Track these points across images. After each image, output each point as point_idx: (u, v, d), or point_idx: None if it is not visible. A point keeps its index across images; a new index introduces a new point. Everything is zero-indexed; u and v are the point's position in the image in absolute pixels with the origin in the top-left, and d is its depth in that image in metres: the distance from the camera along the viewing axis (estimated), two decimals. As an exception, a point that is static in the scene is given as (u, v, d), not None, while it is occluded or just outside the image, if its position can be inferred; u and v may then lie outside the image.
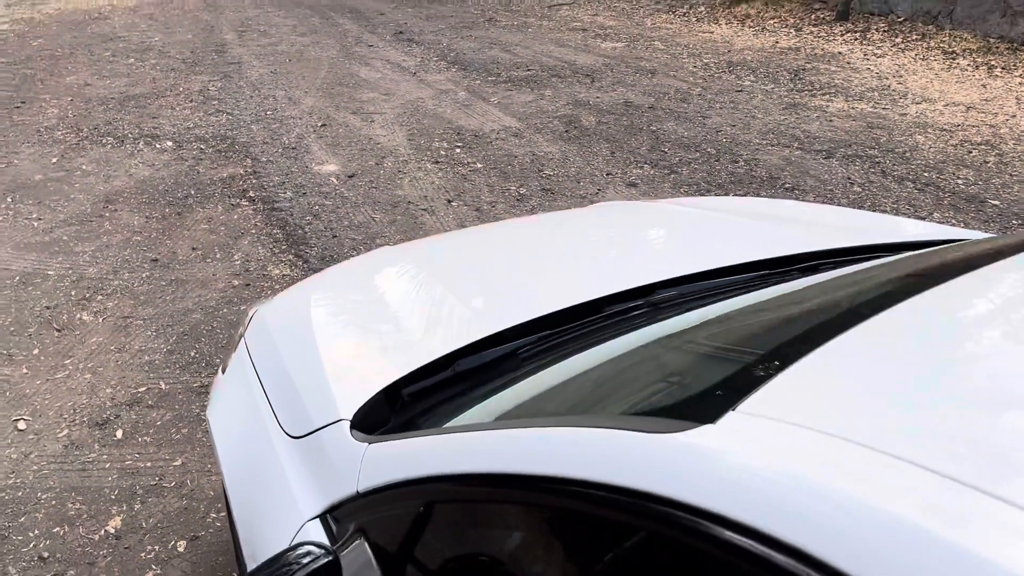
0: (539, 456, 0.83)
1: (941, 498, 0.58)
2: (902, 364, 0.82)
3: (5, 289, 3.95)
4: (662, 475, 0.68)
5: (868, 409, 0.73)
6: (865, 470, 0.61)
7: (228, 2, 12.67)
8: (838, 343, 0.85)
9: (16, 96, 7.38)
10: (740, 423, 0.71)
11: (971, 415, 0.70)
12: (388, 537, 1.04)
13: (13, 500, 2.62)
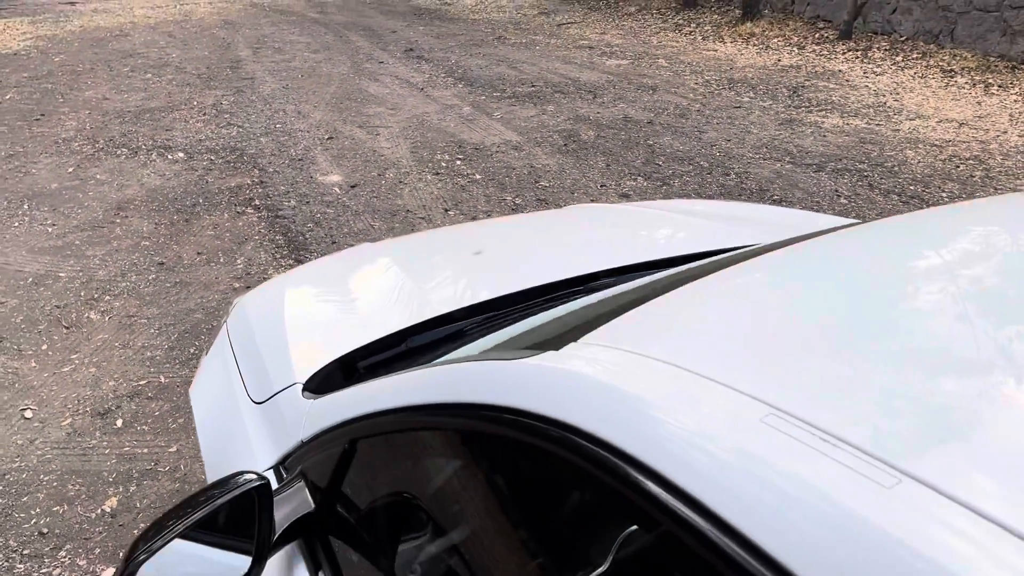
0: (429, 389, 0.98)
1: (735, 407, 0.71)
2: (731, 308, 0.96)
3: (18, 289, 4.14)
4: (513, 391, 0.83)
5: (685, 340, 0.87)
6: (668, 383, 0.75)
7: (246, 20, 12.98)
8: (677, 293, 1.00)
9: (36, 109, 7.64)
10: (579, 350, 0.85)
11: (791, 351, 0.84)
12: (321, 474, 1.19)
13: (17, 481, 2.78)
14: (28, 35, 11.77)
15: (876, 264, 1.07)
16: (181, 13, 13.79)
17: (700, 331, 0.91)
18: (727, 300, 1.02)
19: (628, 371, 0.78)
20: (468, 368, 0.94)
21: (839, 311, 0.90)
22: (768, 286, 1.06)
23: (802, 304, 0.95)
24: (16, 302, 4.02)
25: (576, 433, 0.74)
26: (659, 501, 0.66)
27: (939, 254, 1.09)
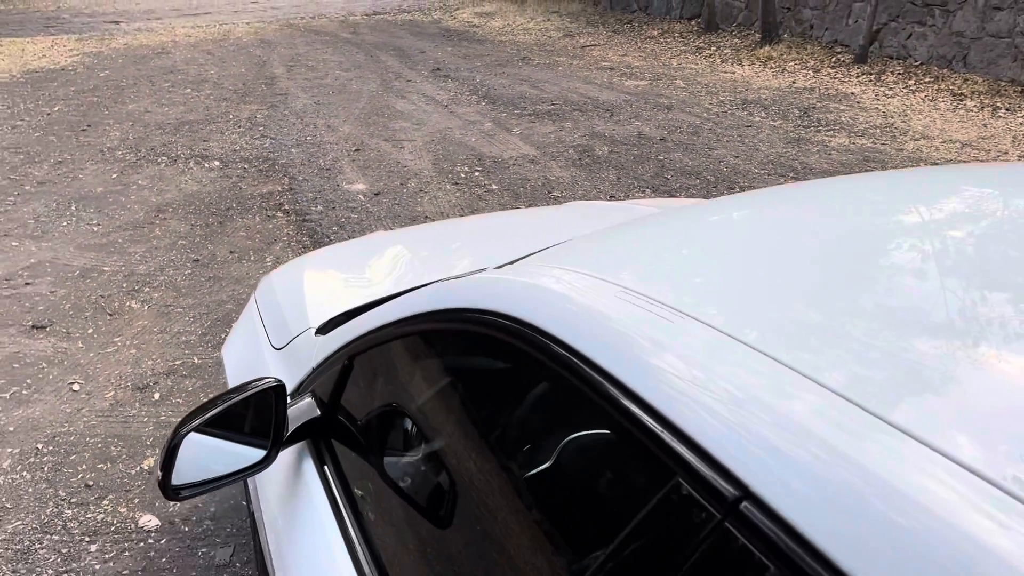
0: (410, 304, 1.27)
1: (630, 300, 0.98)
2: (638, 237, 1.25)
3: (67, 281, 4.51)
4: (469, 297, 1.11)
5: (596, 257, 1.15)
6: (576, 281, 1.02)
7: (281, 39, 13.48)
8: (614, 229, 1.29)
9: (83, 120, 8.10)
10: (518, 266, 1.13)
11: (693, 268, 1.10)
12: (325, 389, 1.48)
13: (66, 443, 3.11)
14: (75, 51, 12.35)
15: (838, 218, 1.21)
16: (220, 32, 14.34)
17: (651, 260, 1.15)
18: (688, 235, 1.25)
19: (559, 280, 1.05)
20: (440, 284, 1.23)
21: (792, 255, 1.09)
22: (737, 227, 1.28)
23: (777, 247, 1.10)
24: (64, 292, 4.38)
25: (516, 322, 1.00)
26: (564, 360, 0.90)
27: (923, 213, 1.21)
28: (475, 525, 1.10)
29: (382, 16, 16.57)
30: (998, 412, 0.67)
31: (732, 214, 1.36)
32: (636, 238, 1.31)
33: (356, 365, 1.42)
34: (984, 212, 1.20)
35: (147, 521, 2.69)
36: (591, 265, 1.08)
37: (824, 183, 1.62)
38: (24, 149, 7.11)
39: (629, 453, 0.82)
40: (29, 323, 4.04)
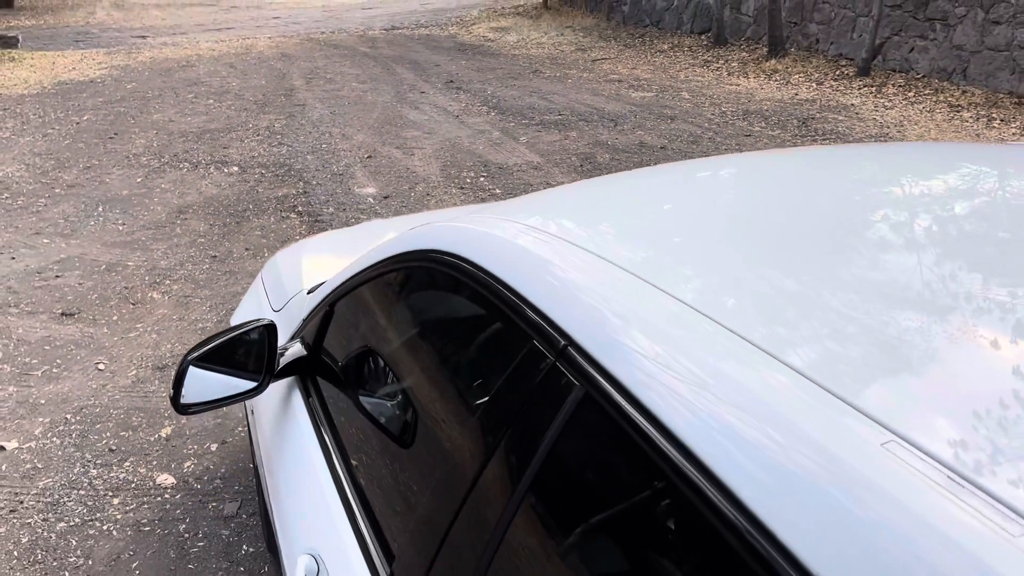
0: (378, 253, 1.54)
1: (550, 241, 1.23)
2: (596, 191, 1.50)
3: (94, 274, 4.83)
4: (425, 242, 1.36)
5: (552, 211, 1.40)
6: (507, 227, 1.27)
7: (301, 53, 13.89)
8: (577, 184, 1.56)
9: (110, 129, 8.49)
10: (485, 216, 1.37)
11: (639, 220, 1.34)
12: (312, 333, 1.76)
13: (92, 414, 3.41)
14: (103, 64, 12.81)
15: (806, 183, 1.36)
16: (242, 47, 14.78)
17: (600, 216, 1.38)
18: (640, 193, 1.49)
19: (503, 229, 1.28)
20: (402, 233, 1.49)
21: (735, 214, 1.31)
22: (680, 188, 1.52)
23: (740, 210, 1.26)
24: (91, 283, 4.70)
25: (468, 263, 1.24)
26: (491, 286, 1.14)
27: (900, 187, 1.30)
28: (431, 443, 1.33)
29: (400, 31, 16.97)
30: (954, 395, 0.69)
31: (691, 175, 1.60)
32: (579, 193, 1.57)
33: (336, 311, 1.70)
34: (950, 189, 1.26)
35: (164, 480, 2.98)
36: (524, 214, 1.31)
37: (800, 152, 1.84)
38: (55, 155, 7.48)
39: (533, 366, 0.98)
40: (59, 311, 4.36)
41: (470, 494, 1.01)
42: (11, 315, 4.32)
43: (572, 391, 0.87)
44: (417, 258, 1.38)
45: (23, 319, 4.28)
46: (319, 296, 1.80)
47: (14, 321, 4.25)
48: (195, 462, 3.08)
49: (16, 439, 3.23)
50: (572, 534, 0.89)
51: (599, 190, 1.59)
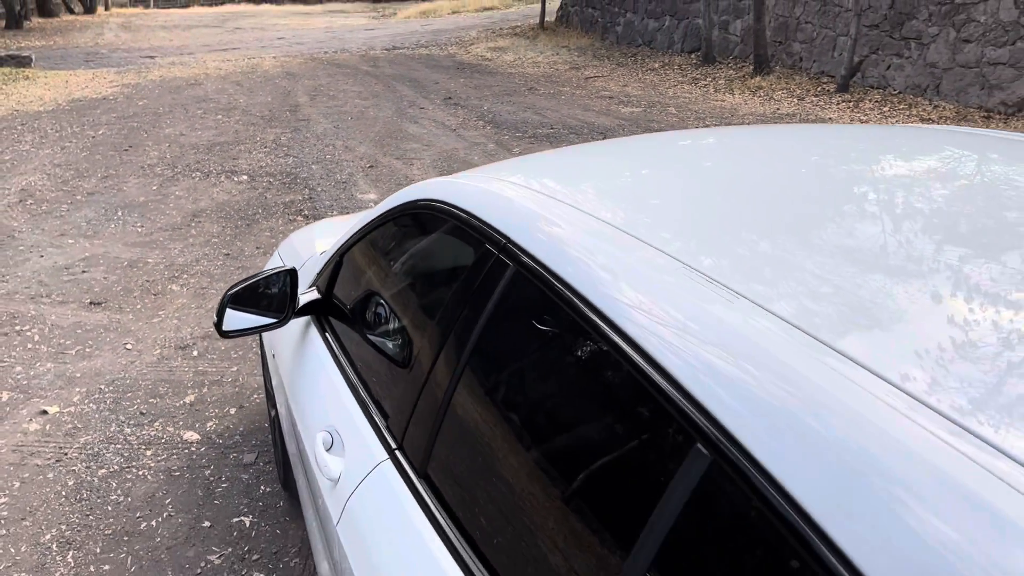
0: (382, 206, 1.95)
1: (530, 195, 1.64)
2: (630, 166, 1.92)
3: (117, 269, 5.26)
4: (425, 193, 1.76)
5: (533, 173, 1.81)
6: (492, 183, 1.68)
7: (304, 71, 14.40)
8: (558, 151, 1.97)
9: (125, 142, 8.95)
10: (476, 174, 1.77)
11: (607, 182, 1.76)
12: (325, 281, 2.17)
13: (123, 385, 3.82)
14: (115, 83, 13.31)
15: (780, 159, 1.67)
16: (248, 66, 15.29)
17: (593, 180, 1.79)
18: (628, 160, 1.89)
19: (488, 183, 1.68)
20: (403, 189, 1.90)
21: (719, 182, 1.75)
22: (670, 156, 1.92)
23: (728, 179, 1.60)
24: (116, 278, 5.13)
25: (456, 208, 1.63)
26: (482, 230, 1.53)
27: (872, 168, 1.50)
28: (426, 363, 1.70)
29: (401, 51, 17.50)
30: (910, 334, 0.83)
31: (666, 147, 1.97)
32: (557, 159, 1.98)
33: (344, 261, 2.12)
34: (902, 165, 1.47)
35: (189, 436, 3.39)
36: (507, 173, 1.69)
37: (768, 128, 2.23)
38: (73, 166, 7.93)
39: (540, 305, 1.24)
40: (88, 300, 4.78)
41: (432, 371, 1.43)
42: (44, 304, 4.73)
43: (533, 292, 1.24)
44: (414, 207, 1.79)
45: (55, 307, 4.70)
46: (330, 252, 2.22)
47: (47, 309, 4.67)
48: (216, 422, 3.49)
49: (57, 405, 3.63)
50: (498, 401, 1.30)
51: (580, 153, 2.00)
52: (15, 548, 2.74)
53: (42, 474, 3.14)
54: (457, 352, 1.38)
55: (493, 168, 1.82)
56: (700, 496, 0.82)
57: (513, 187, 1.50)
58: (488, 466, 1.27)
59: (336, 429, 1.70)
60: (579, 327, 1.06)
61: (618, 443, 1.02)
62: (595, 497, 1.02)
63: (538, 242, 1.25)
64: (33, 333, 4.36)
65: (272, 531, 2.81)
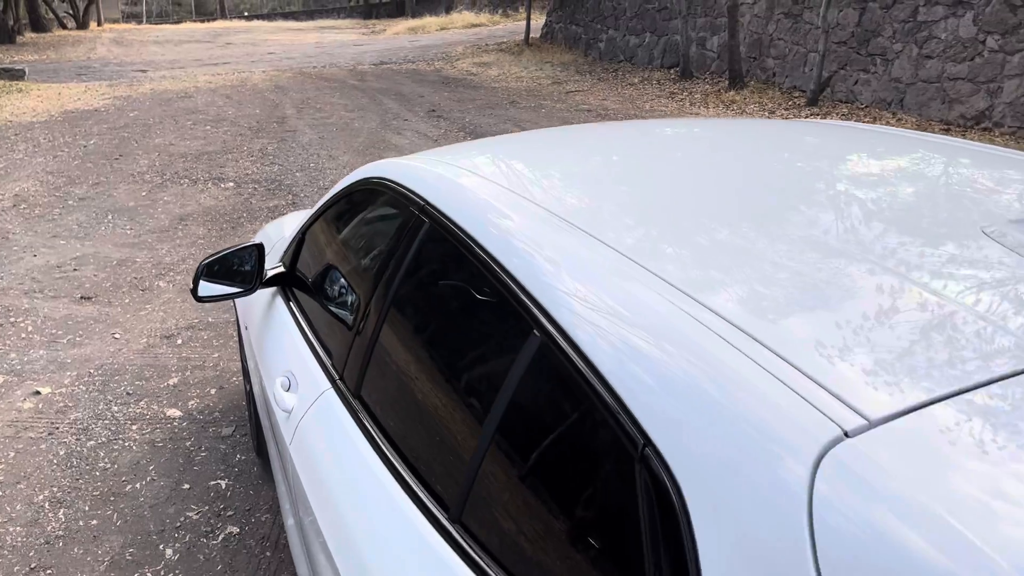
0: (338, 186, 2.25)
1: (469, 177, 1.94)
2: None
3: (107, 267, 5.54)
4: (375, 173, 2.06)
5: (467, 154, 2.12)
6: (430, 164, 1.97)
7: (293, 85, 14.73)
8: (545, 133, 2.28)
9: (116, 151, 9.23)
10: (407, 157, 2.07)
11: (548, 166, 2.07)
12: (289, 256, 2.46)
13: (111, 369, 4.09)
14: (107, 96, 13.61)
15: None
16: (238, 79, 15.61)
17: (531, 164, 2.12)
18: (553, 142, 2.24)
19: (433, 165, 1.97)
20: (357, 169, 2.20)
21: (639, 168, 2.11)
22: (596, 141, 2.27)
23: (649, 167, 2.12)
24: (105, 275, 5.41)
25: (434, 208, 1.92)
26: (420, 203, 1.86)
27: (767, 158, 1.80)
28: (362, 310, 2.01)
29: (388, 66, 17.86)
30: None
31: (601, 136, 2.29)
32: (477, 145, 2.28)
33: (307, 237, 2.42)
34: (806, 150, 1.85)
35: (172, 412, 3.67)
36: (451, 156, 1.99)
37: (706, 121, 2.53)
38: (66, 174, 8.21)
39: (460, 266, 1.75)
40: (79, 295, 5.06)
41: (364, 320, 1.74)
42: (37, 298, 5.01)
43: (460, 259, 1.55)
44: (364, 185, 2.09)
45: (47, 301, 4.97)
46: (295, 231, 2.52)
47: (40, 303, 4.94)
48: (198, 401, 3.77)
49: (49, 386, 3.91)
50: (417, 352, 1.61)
51: (521, 140, 2.30)
52: (11, 507, 3.01)
53: (35, 445, 3.41)
54: (384, 297, 1.68)
55: (424, 152, 2.13)
56: (535, 368, 1.12)
57: (434, 164, 1.81)
58: (403, 384, 1.58)
59: (292, 372, 2.00)
60: (474, 267, 1.37)
61: (488, 349, 1.33)
62: (472, 393, 1.33)
63: (445, 201, 1.56)
64: (27, 324, 4.64)
65: (246, 492, 3.09)
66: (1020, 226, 1.14)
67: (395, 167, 1.94)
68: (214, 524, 2.90)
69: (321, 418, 1.73)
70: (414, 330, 1.63)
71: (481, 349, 1.37)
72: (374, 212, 2.08)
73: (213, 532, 2.86)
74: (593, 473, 1.01)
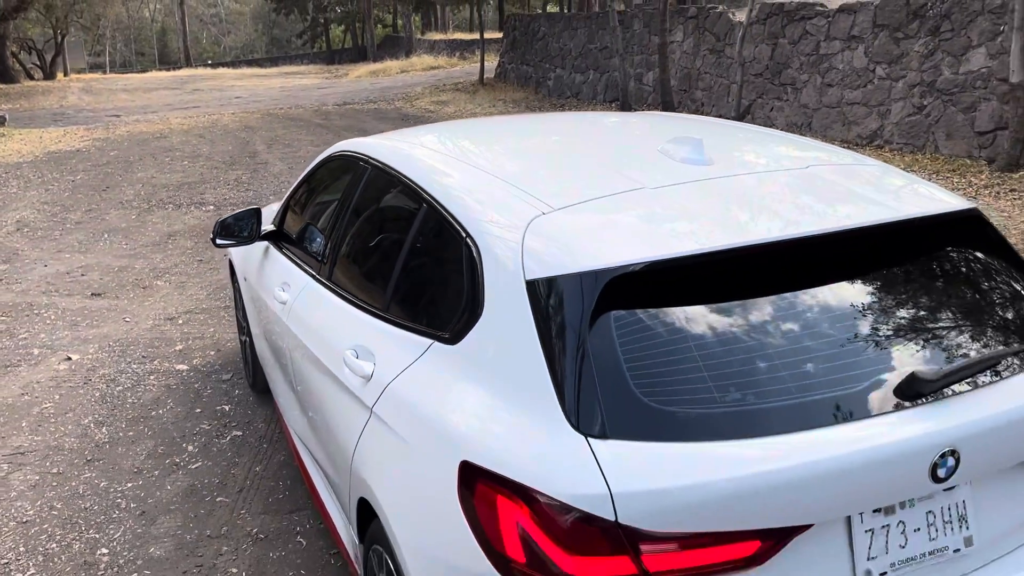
0: (317, 159, 3.27)
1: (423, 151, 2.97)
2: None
3: (110, 273, 6.48)
4: (348, 148, 3.07)
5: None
6: (391, 142, 3.00)
7: (261, 125, 15.76)
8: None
9: (103, 184, 10.17)
10: (376, 136, 3.09)
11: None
12: (278, 217, 3.46)
13: (126, 341, 5.04)
14: (86, 137, 14.53)
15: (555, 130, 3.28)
16: (209, 121, 16.62)
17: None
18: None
19: (406, 144, 2.98)
20: (335, 145, 3.21)
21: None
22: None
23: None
24: (110, 278, 6.35)
25: (376, 161, 2.93)
26: (390, 172, 2.87)
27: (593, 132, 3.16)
28: (328, 230, 3.00)
29: (351, 106, 18.99)
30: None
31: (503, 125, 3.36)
32: (424, 129, 3.32)
33: (290, 203, 3.43)
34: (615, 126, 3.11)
35: (181, 367, 4.62)
36: (411, 138, 3.01)
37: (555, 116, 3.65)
38: (59, 203, 9.14)
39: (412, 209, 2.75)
40: (90, 293, 5.99)
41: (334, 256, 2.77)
42: (55, 296, 5.94)
43: (418, 209, 2.60)
44: (338, 156, 3.12)
45: (64, 298, 5.90)
46: (284, 199, 3.54)
47: (57, 299, 5.87)
48: (200, 359, 4.73)
49: (78, 354, 4.84)
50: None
51: (451, 127, 3.36)
52: (64, 427, 3.95)
53: (75, 391, 4.35)
54: (347, 214, 2.72)
55: (384, 134, 3.18)
56: (425, 226, 2.17)
57: (385, 139, 2.87)
58: (356, 255, 2.64)
59: (286, 282, 3.01)
60: (402, 187, 2.41)
61: (400, 225, 2.39)
62: (389, 241, 2.38)
63: (383, 154, 2.61)
64: (50, 314, 5.56)
65: (245, 411, 4.05)
66: (672, 142, 2.20)
67: (349, 143, 3.01)
68: (222, 431, 3.86)
69: (306, 297, 2.75)
70: (366, 226, 2.66)
71: (398, 223, 2.43)
72: (339, 173, 3.11)
73: (222, 435, 3.82)
74: (444, 250, 2.06)
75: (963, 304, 1.79)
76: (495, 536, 1.52)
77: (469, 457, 1.60)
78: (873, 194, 1.98)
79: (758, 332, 1.60)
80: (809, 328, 1.63)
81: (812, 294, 1.68)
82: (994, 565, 1.70)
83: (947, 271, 1.85)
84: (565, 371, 1.55)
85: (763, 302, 1.65)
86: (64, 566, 2.90)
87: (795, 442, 1.48)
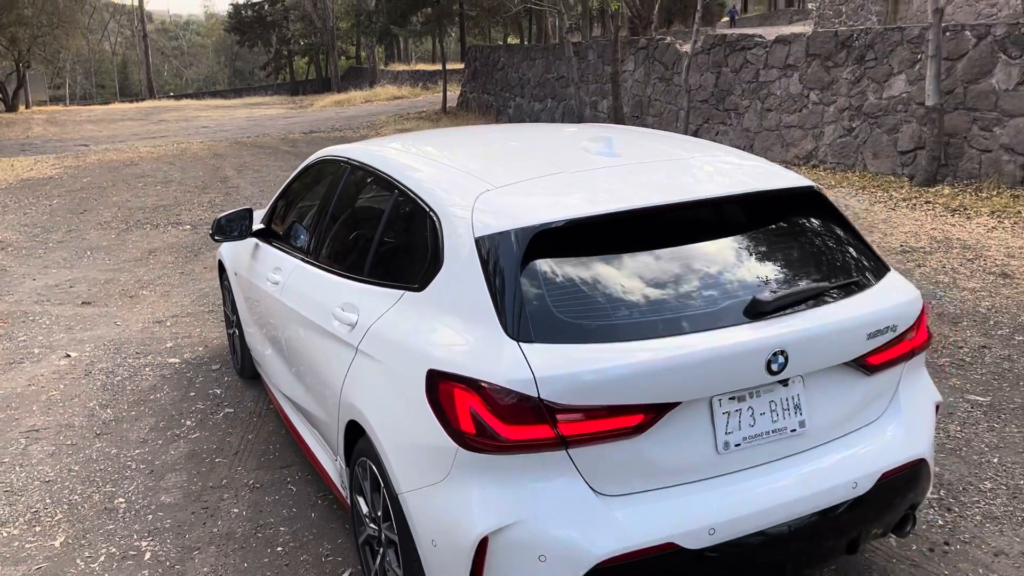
0: (303, 164, 3.82)
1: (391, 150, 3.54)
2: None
3: (97, 285, 6.93)
4: (330, 153, 3.63)
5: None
6: (372, 146, 3.56)
7: (230, 152, 16.23)
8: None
9: (79, 207, 10.58)
10: (353, 144, 3.65)
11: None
12: (267, 216, 4.00)
13: (120, 341, 5.51)
14: (57, 166, 14.88)
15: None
16: (178, 149, 17.05)
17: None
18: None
19: (379, 148, 3.55)
20: (319, 151, 3.77)
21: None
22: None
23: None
24: (97, 289, 6.80)
25: (354, 161, 3.49)
26: (375, 172, 3.43)
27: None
28: (329, 246, 3.55)
29: (317, 134, 19.54)
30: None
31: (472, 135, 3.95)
32: (398, 138, 3.90)
33: (278, 204, 3.98)
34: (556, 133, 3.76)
35: (173, 360, 5.11)
36: (382, 143, 3.57)
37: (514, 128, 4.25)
38: (39, 224, 9.54)
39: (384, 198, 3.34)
40: (80, 302, 6.45)
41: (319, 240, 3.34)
42: (47, 305, 6.38)
43: (390, 196, 3.18)
44: (320, 161, 3.68)
45: (56, 307, 6.35)
46: (272, 201, 4.09)
47: (50, 308, 6.32)
48: (190, 354, 5.22)
49: (76, 352, 5.31)
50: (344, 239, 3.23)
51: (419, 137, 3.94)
52: (71, 411, 4.42)
53: (77, 380, 4.82)
54: (331, 205, 3.28)
55: (359, 142, 3.75)
56: (396, 210, 2.75)
57: (360, 145, 3.45)
58: (338, 237, 3.20)
59: (276, 267, 3.56)
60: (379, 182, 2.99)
61: (375, 209, 2.96)
62: (365, 224, 2.95)
63: (358, 155, 3.19)
64: (44, 320, 6.02)
65: (235, 394, 4.56)
66: (590, 140, 2.81)
67: (328, 150, 3.59)
68: (215, 409, 4.37)
69: (297, 275, 3.30)
70: (348, 212, 3.24)
71: (374, 208, 3.01)
72: (321, 175, 3.68)
73: (215, 412, 4.33)
74: (412, 223, 2.63)
75: (798, 252, 2.41)
76: (453, 418, 2.09)
77: (434, 365, 2.17)
78: (736, 176, 2.61)
79: (643, 269, 2.20)
80: (682, 266, 2.23)
81: (684, 244, 2.29)
82: (823, 447, 2.30)
83: (788, 230, 2.47)
84: (504, 299, 2.12)
85: (647, 249, 2.25)
86: (88, 511, 3.39)
87: (668, 343, 2.07)
